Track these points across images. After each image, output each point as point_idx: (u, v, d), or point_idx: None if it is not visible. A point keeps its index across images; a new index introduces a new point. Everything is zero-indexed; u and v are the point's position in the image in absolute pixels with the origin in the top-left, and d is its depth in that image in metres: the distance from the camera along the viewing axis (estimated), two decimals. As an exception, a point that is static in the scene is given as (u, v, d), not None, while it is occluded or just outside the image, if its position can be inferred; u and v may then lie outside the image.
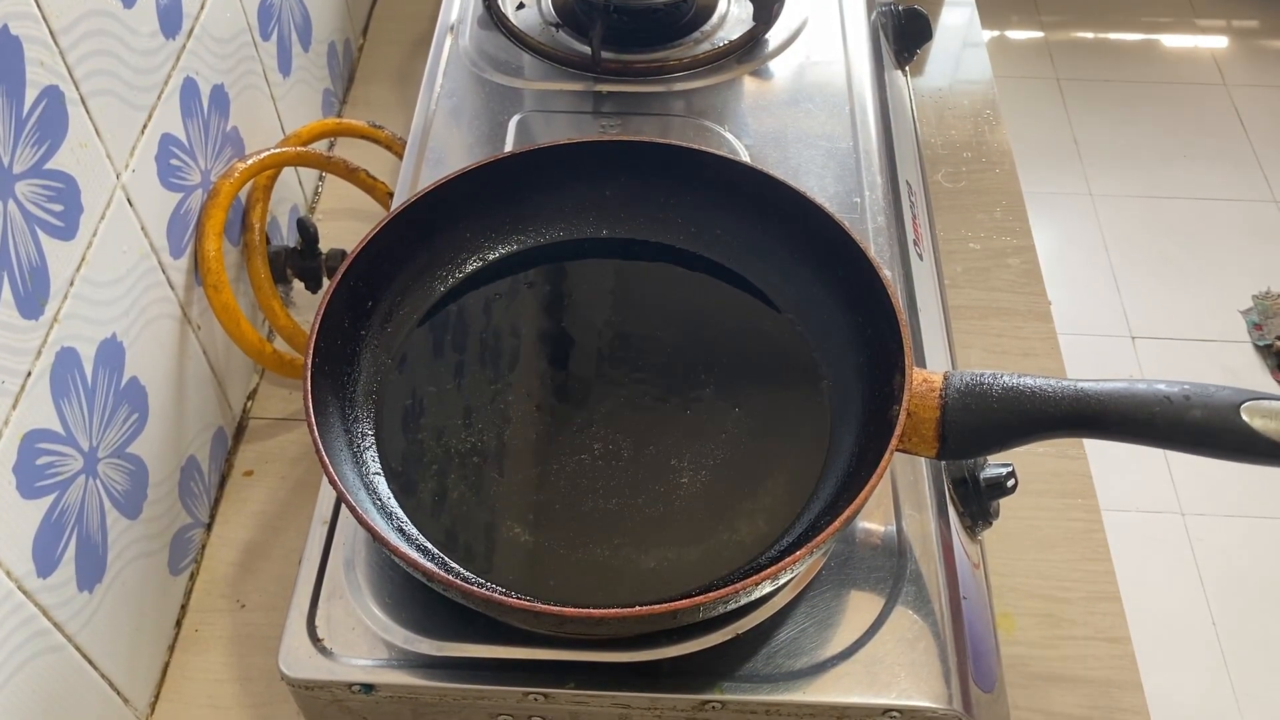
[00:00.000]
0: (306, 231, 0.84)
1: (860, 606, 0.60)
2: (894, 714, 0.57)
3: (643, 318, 0.71)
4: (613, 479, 0.63)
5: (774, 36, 0.92)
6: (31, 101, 0.55)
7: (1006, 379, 0.58)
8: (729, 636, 0.59)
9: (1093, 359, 1.92)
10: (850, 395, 0.65)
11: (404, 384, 0.67)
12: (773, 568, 0.52)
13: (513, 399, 0.66)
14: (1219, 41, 2.55)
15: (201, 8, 0.75)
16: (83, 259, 0.61)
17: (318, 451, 0.57)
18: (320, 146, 0.95)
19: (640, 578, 0.59)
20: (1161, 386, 0.54)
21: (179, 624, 0.75)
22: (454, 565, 0.59)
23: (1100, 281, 2.07)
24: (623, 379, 0.68)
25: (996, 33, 2.58)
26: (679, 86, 0.88)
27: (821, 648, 0.59)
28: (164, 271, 0.71)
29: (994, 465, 0.68)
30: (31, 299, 0.56)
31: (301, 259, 0.85)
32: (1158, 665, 1.52)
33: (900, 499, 0.64)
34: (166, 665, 0.73)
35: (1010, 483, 0.67)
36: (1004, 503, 0.68)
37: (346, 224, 0.99)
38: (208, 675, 0.73)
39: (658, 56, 0.89)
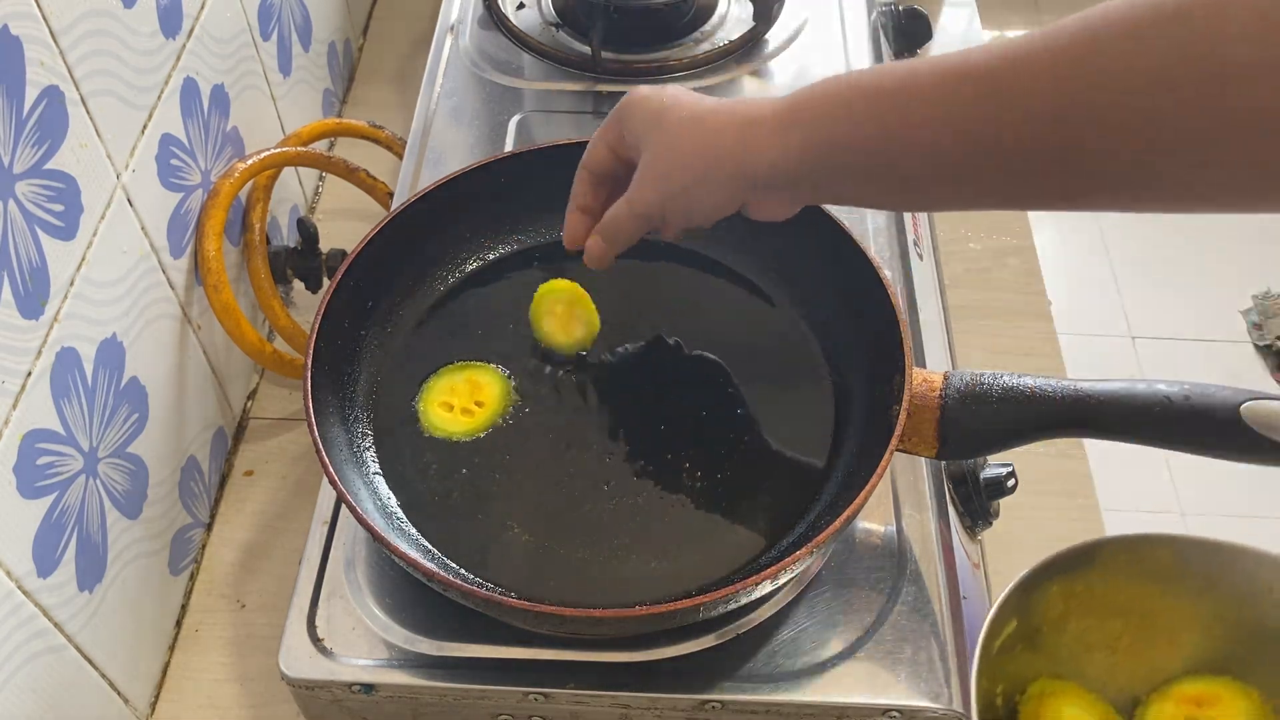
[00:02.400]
0: (306, 231, 0.84)
1: (860, 606, 0.60)
2: (894, 714, 0.57)
3: (642, 317, 0.71)
4: (613, 479, 0.63)
5: (774, 36, 0.92)
6: (32, 101, 0.55)
7: (1006, 379, 0.58)
8: (729, 636, 0.59)
9: (1093, 359, 1.92)
10: (850, 395, 0.65)
11: (404, 384, 0.67)
12: (773, 568, 0.52)
13: (512, 399, 0.66)
14: (1219, 41, 2.55)
15: (201, 8, 0.75)
16: (83, 259, 0.61)
17: (318, 451, 0.57)
18: (320, 146, 0.95)
19: (640, 578, 0.59)
20: (1161, 386, 0.54)
21: (179, 624, 0.75)
22: (454, 565, 0.59)
23: (1100, 281, 2.07)
24: (623, 378, 0.68)
25: (996, 33, 2.58)
26: (679, 86, 0.88)
27: (821, 648, 0.59)
28: (164, 271, 0.71)
29: (994, 465, 0.68)
30: (32, 299, 0.56)
31: (301, 259, 0.85)
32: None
33: (900, 499, 0.64)
34: (166, 665, 0.73)
35: (1010, 483, 0.67)
36: (1004, 503, 0.68)
37: (346, 224, 0.99)
38: (208, 675, 0.73)
39: (658, 56, 0.89)
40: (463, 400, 0.66)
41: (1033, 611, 0.57)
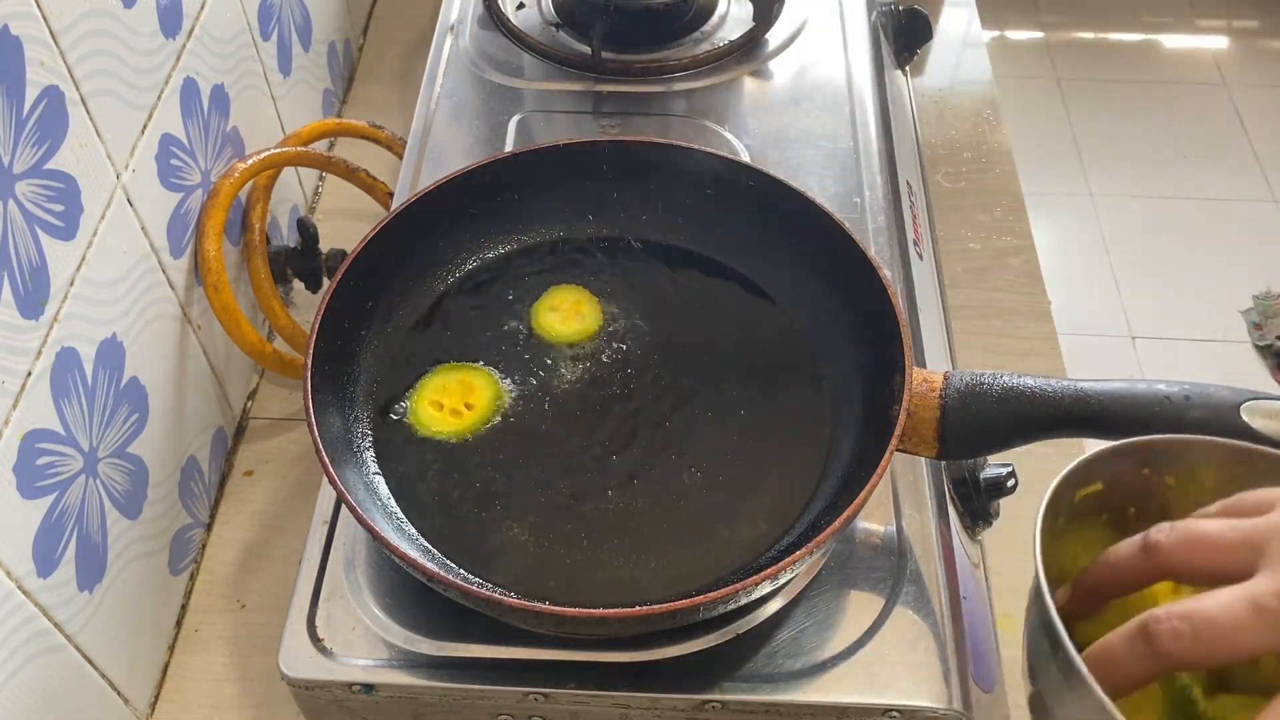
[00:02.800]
0: (306, 231, 0.84)
1: (860, 606, 0.60)
2: (894, 714, 0.57)
3: (642, 317, 0.71)
4: (612, 479, 0.63)
5: (774, 36, 0.92)
6: (32, 101, 0.55)
7: (1006, 379, 0.58)
8: (729, 636, 0.59)
9: (1093, 359, 1.92)
10: (850, 395, 0.65)
11: (403, 384, 0.67)
12: (773, 568, 0.52)
13: (512, 399, 0.66)
14: (1219, 41, 2.55)
15: (201, 8, 0.75)
16: (83, 259, 0.61)
17: (318, 451, 0.57)
18: (320, 146, 0.95)
19: (640, 578, 0.59)
20: (1161, 386, 0.54)
21: (179, 624, 0.75)
22: (454, 565, 0.59)
23: (1100, 281, 2.07)
24: (622, 379, 0.68)
25: (996, 33, 2.58)
26: (679, 86, 0.88)
27: (821, 648, 0.59)
28: (164, 271, 0.71)
29: (994, 465, 0.68)
30: (32, 299, 0.56)
31: (301, 259, 0.85)
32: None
33: (900, 499, 0.64)
34: (166, 665, 0.73)
35: (1010, 483, 0.67)
36: (1004, 503, 0.68)
37: (346, 224, 0.99)
38: (208, 675, 0.73)
39: (658, 56, 0.89)
40: (453, 401, 0.66)
41: (1123, 488, 0.55)
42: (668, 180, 0.72)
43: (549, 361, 0.68)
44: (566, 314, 0.70)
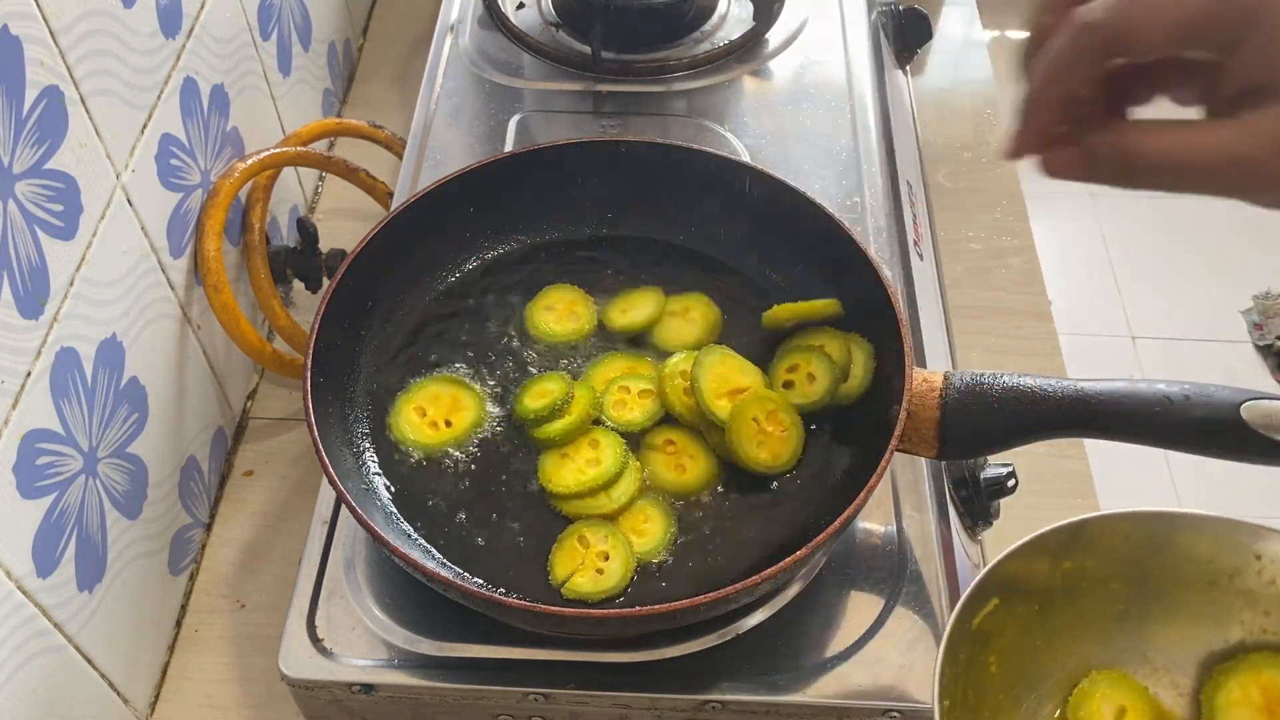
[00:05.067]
0: (306, 231, 0.84)
1: (860, 606, 0.60)
2: (894, 714, 0.57)
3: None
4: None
5: (774, 36, 0.92)
6: (31, 101, 0.55)
7: (1006, 379, 0.58)
8: (729, 636, 0.59)
9: (1093, 359, 1.92)
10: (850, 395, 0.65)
11: (403, 385, 0.67)
12: (773, 568, 0.52)
13: (512, 399, 0.66)
14: (1219, 41, 2.55)
15: (201, 8, 0.75)
16: (83, 259, 0.61)
17: (318, 451, 0.57)
18: (320, 146, 0.95)
19: (640, 578, 0.59)
20: (1161, 386, 0.54)
21: (179, 624, 0.75)
22: (454, 565, 0.59)
23: (1100, 281, 2.07)
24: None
25: (997, 32, 2.58)
26: (679, 86, 0.88)
27: (821, 648, 0.59)
28: (164, 271, 0.71)
29: (994, 465, 0.68)
30: (31, 299, 0.56)
31: (301, 259, 0.85)
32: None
33: (900, 499, 0.64)
34: (166, 665, 0.73)
35: (1010, 483, 0.67)
36: (1004, 503, 0.68)
37: (346, 224, 0.99)
38: (208, 675, 0.73)
39: (658, 56, 0.89)
40: (436, 413, 0.65)
41: (1023, 589, 0.55)
42: (667, 180, 0.72)
43: (549, 362, 0.68)
44: (561, 314, 0.70)
